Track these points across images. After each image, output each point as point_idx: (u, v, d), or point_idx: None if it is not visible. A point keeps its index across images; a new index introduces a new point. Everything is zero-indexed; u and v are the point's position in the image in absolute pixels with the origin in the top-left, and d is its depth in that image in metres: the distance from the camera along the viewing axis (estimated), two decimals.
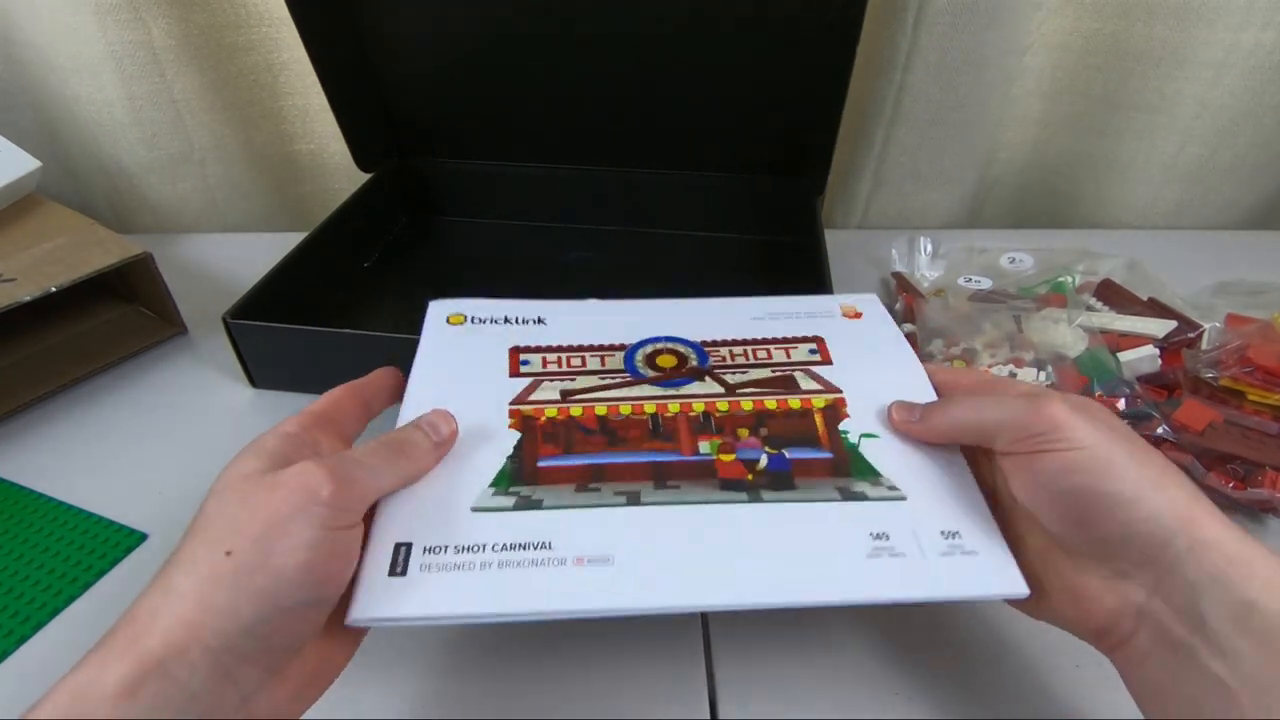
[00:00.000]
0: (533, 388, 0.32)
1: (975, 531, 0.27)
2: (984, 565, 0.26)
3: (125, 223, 0.68)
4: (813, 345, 0.35)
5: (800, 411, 0.31)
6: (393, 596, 0.25)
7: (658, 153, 0.63)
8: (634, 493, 0.28)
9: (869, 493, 0.28)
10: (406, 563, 0.25)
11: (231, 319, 0.44)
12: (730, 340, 0.35)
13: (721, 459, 0.29)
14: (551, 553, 0.26)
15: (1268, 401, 0.41)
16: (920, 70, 0.60)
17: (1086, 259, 0.54)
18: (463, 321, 0.36)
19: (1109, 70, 0.63)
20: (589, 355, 0.34)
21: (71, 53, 0.58)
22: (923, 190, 0.68)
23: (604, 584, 0.25)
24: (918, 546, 0.26)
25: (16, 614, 0.35)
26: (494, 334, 0.35)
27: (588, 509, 0.27)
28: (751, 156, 0.62)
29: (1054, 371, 0.42)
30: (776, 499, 0.28)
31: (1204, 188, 0.67)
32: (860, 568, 0.26)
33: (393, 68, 0.60)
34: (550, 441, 0.30)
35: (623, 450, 0.30)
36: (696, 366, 0.33)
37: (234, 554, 0.22)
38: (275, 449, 0.25)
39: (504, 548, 0.26)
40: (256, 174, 0.69)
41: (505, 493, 0.28)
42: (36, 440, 0.45)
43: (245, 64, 0.64)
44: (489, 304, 0.37)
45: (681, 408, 0.31)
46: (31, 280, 0.45)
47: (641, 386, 0.32)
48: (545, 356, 0.34)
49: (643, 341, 0.35)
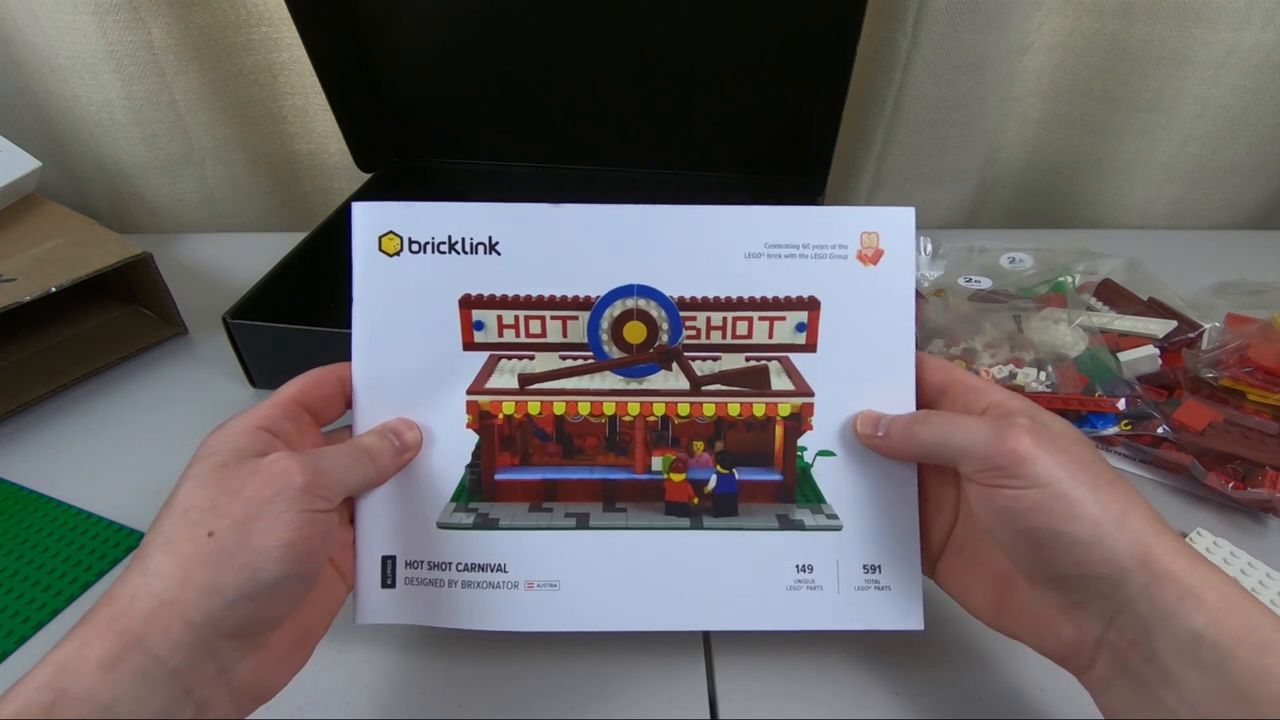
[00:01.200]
0: (489, 369, 0.31)
1: (895, 566, 0.30)
2: (892, 601, 0.29)
3: (125, 223, 0.68)
4: (802, 319, 0.30)
5: (761, 421, 0.31)
6: (387, 606, 0.30)
7: (658, 152, 0.63)
8: (583, 514, 0.30)
9: (806, 521, 0.30)
10: (394, 575, 0.30)
11: (231, 319, 0.44)
12: (711, 301, 0.30)
13: (671, 478, 0.31)
14: (506, 575, 0.29)
15: (1268, 401, 0.41)
16: (920, 70, 0.60)
17: (1086, 259, 0.54)
18: (398, 250, 0.30)
19: (1109, 70, 0.63)
20: (549, 317, 0.30)
21: (71, 53, 0.58)
22: (922, 190, 0.68)
23: (551, 608, 0.29)
24: (836, 580, 0.30)
25: (16, 614, 0.35)
26: (438, 274, 0.30)
27: (540, 530, 0.30)
28: (751, 156, 0.62)
29: (1054, 371, 0.42)
30: (717, 526, 0.30)
31: (1204, 187, 0.67)
32: (780, 599, 0.29)
33: (392, 67, 0.60)
34: (507, 449, 0.31)
35: (578, 463, 0.31)
36: (664, 346, 0.31)
37: (216, 535, 0.23)
38: (246, 444, 0.25)
39: (465, 568, 0.30)
40: (256, 174, 0.69)
41: (465, 509, 0.30)
42: (36, 440, 0.45)
43: (245, 64, 0.64)
44: (427, 214, 0.30)
45: (641, 409, 0.31)
46: (31, 280, 0.45)
47: (604, 377, 0.31)
48: (501, 317, 0.30)
49: (610, 295, 0.30)
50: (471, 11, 0.56)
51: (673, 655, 0.33)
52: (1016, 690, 0.31)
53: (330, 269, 0.56)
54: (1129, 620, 0.23)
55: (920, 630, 0.29)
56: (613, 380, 0.31)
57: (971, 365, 0.43)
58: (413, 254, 0.30)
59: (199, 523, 0.23)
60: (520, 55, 0.58)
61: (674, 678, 0.32)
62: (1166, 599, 0.22)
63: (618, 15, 0.55)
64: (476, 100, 0.62)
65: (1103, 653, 0.24)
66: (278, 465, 0.24)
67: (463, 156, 0.65)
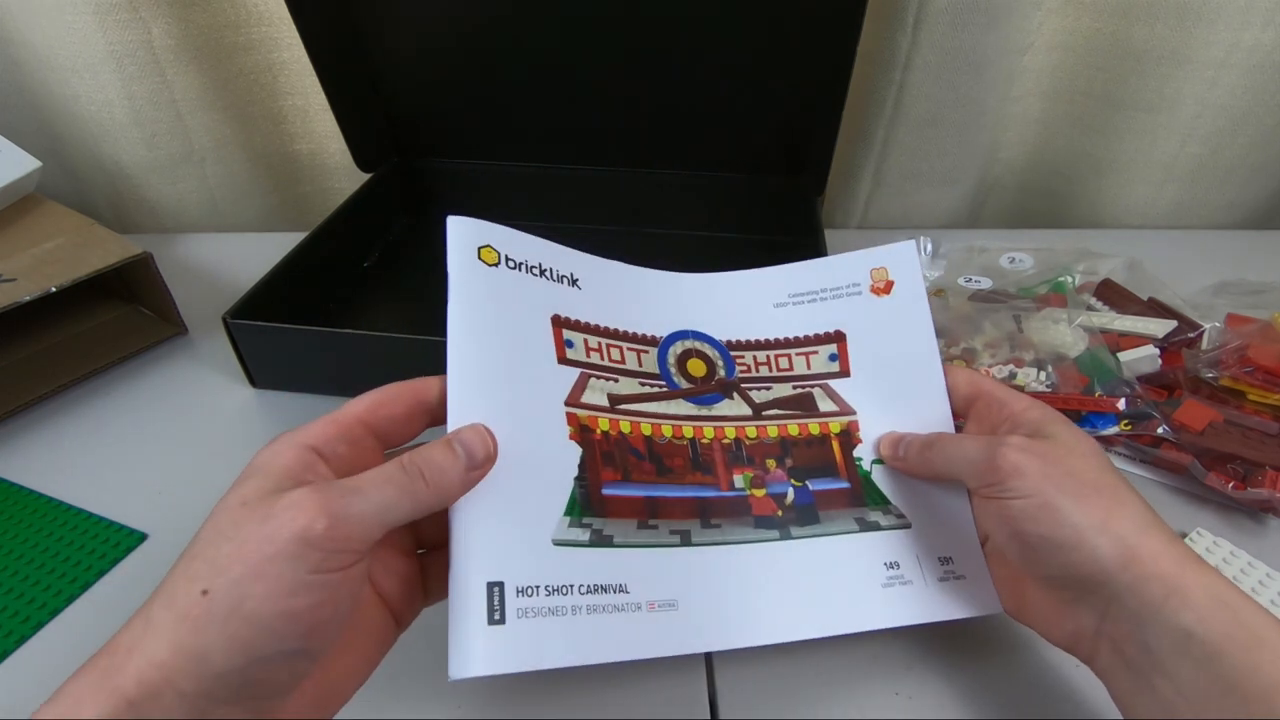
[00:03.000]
0: (581, 385, 0.31)
1: (964, 557, 0.31)
2: (970, 589, 0.30)
3: (125, 223, 0.68)
4: (833, 350, 0.35)
5: (820, 438, 0.33)
6: (497, 648, 0.24)
7: (658, 152, 0.63)
8: (685, 532, 0.30)
9: (881, 521, 0.32)
10: (503, 607, 0.24)
11: (231, 319, 0.44)
12: (754, 342, 0.35)
13: (754, 494, 0.32)
14: (628, 597, 0.27)
15: (1268, 401, 0.41)
16: (920, 70, 0.60)
17: (1086, 259, 0.54)
18: (497, 261, 0.30)
19: (1109, 70, 0.63)
20: (626, 348, 0.33)
21: (71, 52, 0.58)
22: (923, 190, 0.68)
23: (674, 629, 0.27)
24: (921, 574, 0.31)
25: (16, 614, 0.35)
26: (532, 291, 0.31)
27: (651, 548, 0.29)
28: (752, 156, 0.62)
29: (1054, 371, 0.42)
30: (804, 534, 0.31)
31: (1204, 187, 0.67)
32: (877, 598, 0.30)
33: (392, 68, 0.60)
34: (609, 465, 0.30)
35: (671, 482, 0.31)
36: (724, 379, 0.34)
37: (210, 594, 0.20)
38: (287, 466, 0.22)
39: (587, 590, 0.26)
40: (256, 174, 0.69)
41: (579, 524, 0.28)
42: (36, 440, 0.45)
43: (245, 64, 0.64)
44: (521, 241, 0.31)
45: (715, 433, 0.33)
46: (31, 280, 0.45)
47: (678, 402, 0.33)
48: (587, 340, 0.32)
49: (672, 337, 0.34)
50: (472, 12, 0.56)
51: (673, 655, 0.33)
52: (1017, 690, 0.31)
53: (330, 269, 0.57)
54: (1120, 614, 0.25)
55: (1000, 611, 0.30)
56: (686, 407, 0.33)
57: (971, 365, 0.43)
58: (509, 269, 0.31)
59: (197, 576, 0.20)
60: (520, 55, 0.58)
61: (674, 678, 0.32)
62: (1153, 597, 0.24)
63: (618, 16, 0.55)
64: (476, 101, 0.62)
65: (1102, 644, 0.26)
66: (289, 511, 0.20)
67: (463, 157, 0.65)
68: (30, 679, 0.32)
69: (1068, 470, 0.26)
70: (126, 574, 0.37)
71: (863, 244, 0.65)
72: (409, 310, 0.58)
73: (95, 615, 0.35)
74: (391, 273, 0.61)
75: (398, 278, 0.61)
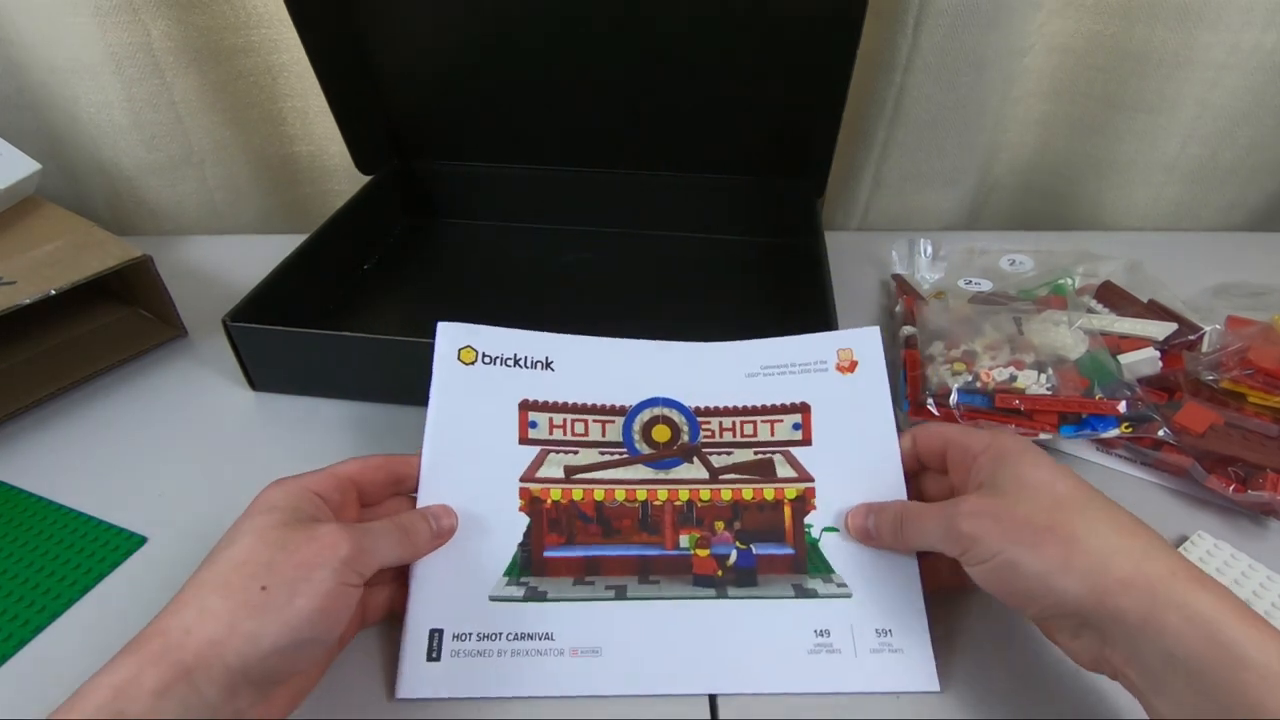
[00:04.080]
0: (540, 460, 0.36)
1: (905, 630, 0.32)
2: (906, 662, 0.31)
3: (124, 225, 0.68)
4: (797, 419, 0.37)
5: (773, 504, 0.35)
6: (431, 680, 0.31)
7: (657, 154, 0.63)
8: (621, 586, 0.33)
9: (820, 589, 0.33)
10: (440, 649, 0.31)
11: (231, 321, 0.44)
12: (721, 409, 0.38)
13: (698, 554, 0.34)
14: (553, 644, 0.31)
15: (1268, 404, 0.41)
16: (921, 71, 0.60)
17: (1087, 261, 0.54)
18: (474, 360, 0.37)
19: (1110, 71, 0.63)
20: (591, 420, 0.37)
21: (71, 54, 0.58)
22: (923, 191, 0.68)
23: (594, 672, 0.31)
24: (852, 643, 0.32)
25: (16, 617, 0.35)
26: (503, 382, 0.37)
27: (583, 602, 0.33)
28: (751, 158, 0.62)
29: (1055, 374, 0.42)
30: (739, 594, 0.33)
31: (1205, 189, 0.67)
32: (802, 663, 0.31)
33: (392, 70, 0.60)
34: (554, 530, 0.34)
35: (616, 542, 0.34)
36: (685, 444, 0.37)
37: (268, 589, 0.26)
38: (298, 505, 0.29)
39: (515, 637, 0.31)
40: (256, 176, 0.69)
41: (516, 582, 0.33)
42: (36, 443, 0.44)
43: (244, 66, 0.64)
44: (498, 337, 0.38)
45: (669, 495, 0.35)
46: (31, 283, 0.45)
47: (636, 467, 0.36)
48: (552, 419, 0.37)
49: (641, 405, 0.37)
50: (471, 15, 0.56)
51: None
52: (1018, 691, 0.31)
53: (330, 271, 0.57)
54: (1115, 639, 0.25)
55: (937, 691, 0.31)
56: (645, 472, 0.36)
57: (972, 368, 0.43)
58: (485, 364, 0.37)
59: (255, 576, 0.26)
60: (519, 58, 0.58)
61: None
62: (1132, 624, 0.25)
63: (617, 18, 0.55)
64: (476, 103, 0.62)
65: (1106, 665, 0.26)
66: (329, 537, 0.27)
67: (462, 159, 0.65)
68: (31, 681, 0.32)
69: (1021, 520, 0.27)
70: (126, 577, 0.37)
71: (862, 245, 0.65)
72: (409, 313, 0.58)
73: (95, 618, 0.35)
74: (391, 275, 0.61)
75: (398, 280, 0.61)
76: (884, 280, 0.60)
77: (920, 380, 0.44)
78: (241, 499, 0.30)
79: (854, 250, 0.64)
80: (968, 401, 0.41)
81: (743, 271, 0.62)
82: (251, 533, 0.27)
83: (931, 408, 0.42)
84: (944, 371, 0.43)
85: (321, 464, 0.32)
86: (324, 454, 0.43)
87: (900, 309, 0.52)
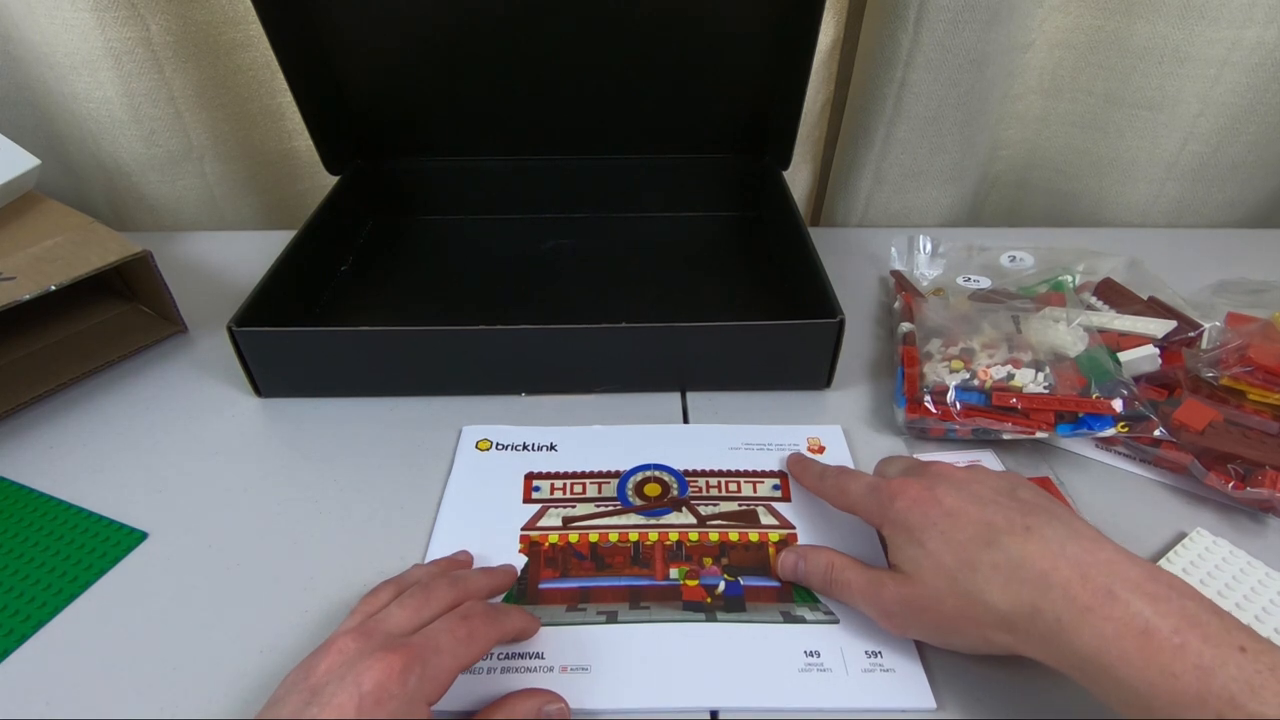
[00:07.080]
0: (541, 514, 0.39)
1: (894, 651, 0.32)
2: (898, 682, 0.31)
3: (124, 221, 0.68)
4: (776, 481, 0.41)
5: (758, 544, 0.37)
6: None
7: (624, 137, 0.63)
8: (613, 612, 0.34)
9: (807, 616, 0.34)
10: None
11: (236, 326, 0.44)
12: (707, 471, 0.41)
13: (687, 584, 0.35)
14: (543, 661, 0.32)
15: (1268, 401, 0.41)
16: (921, 67, 0.60)
17: (1087, 258, 0.54)
18: (489, 448, 0.43)
19: (1111, 68, 0.62)
20: (589, 482, 0.41)
21: (70, 50, 0.57)
22: (923, 188, 0.68)
23: (582, 688, 0.31)
24: (843, 663, 0.32)
25: (17, 613, 0.35)
26: (512, 462, 0.42)
27: (574, 625, 0.34)
28: (721, 135, 0.63)
29: (1052, 372, 0.42)
30: (728, 619, 0.34)
31: (1205, 186, 0.67)
32: (792, 681, 0.31)
33: (355, 69, 0.59)
34: (550, 566, 0.36)
35: (608, 574, 0.36)
36: (676, 496, 0.40)
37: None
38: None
39: (506, 656, 0.32)
40: (255, 171, 0.69)
41: None
42: (36, 439, 0.45)
43: (243, 60, 0.64)
44: (513, 432, 0.44)
45: (659, 536, 0.38)
46: (31, 279, 0.45)
47: (629, 515, 0.39)
48: (554, 483, 0.41)
49: (634, 469, 0.41)
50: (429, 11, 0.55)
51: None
52: (1018, 690, 0.31)
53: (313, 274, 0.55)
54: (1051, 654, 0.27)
55: (933, 709, 0.30)
56: (637, 519, 0.39)
57: (969, 365, 0.43)
58: (498, 451, 0.43)
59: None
60: (479, 48, 0.57)
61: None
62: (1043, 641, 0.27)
63: (575, 5, 0.54)
64: (439, 98, 0.61)
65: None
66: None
67: (428, 154, 0.64)
68: (32, 677, 0.32)
69: (932, 614, 0.30)
70: (127, 573, 0.37)
71: (862, 242, 0.65)
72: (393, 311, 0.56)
73: (96, 614, 0.35)
74: (370, 276, 0.60)
75: (377, 279, 0.59)
76: (883, 277, 0.60)
77: (918, 378, 0.44)
78: (241, 493, 0.30)
79: (853, 246, 0.64)
80: (965, 399, 0.42)
81: (720, 246, 0.63)
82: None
83: (929, 405, 0.42)
84: (941, 369, 0.43)
85: (321, 461, 0.32)
86: (324, 449, 0.44)
87: (898, 305, 0.52)
